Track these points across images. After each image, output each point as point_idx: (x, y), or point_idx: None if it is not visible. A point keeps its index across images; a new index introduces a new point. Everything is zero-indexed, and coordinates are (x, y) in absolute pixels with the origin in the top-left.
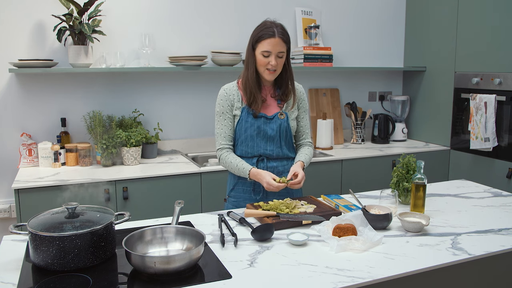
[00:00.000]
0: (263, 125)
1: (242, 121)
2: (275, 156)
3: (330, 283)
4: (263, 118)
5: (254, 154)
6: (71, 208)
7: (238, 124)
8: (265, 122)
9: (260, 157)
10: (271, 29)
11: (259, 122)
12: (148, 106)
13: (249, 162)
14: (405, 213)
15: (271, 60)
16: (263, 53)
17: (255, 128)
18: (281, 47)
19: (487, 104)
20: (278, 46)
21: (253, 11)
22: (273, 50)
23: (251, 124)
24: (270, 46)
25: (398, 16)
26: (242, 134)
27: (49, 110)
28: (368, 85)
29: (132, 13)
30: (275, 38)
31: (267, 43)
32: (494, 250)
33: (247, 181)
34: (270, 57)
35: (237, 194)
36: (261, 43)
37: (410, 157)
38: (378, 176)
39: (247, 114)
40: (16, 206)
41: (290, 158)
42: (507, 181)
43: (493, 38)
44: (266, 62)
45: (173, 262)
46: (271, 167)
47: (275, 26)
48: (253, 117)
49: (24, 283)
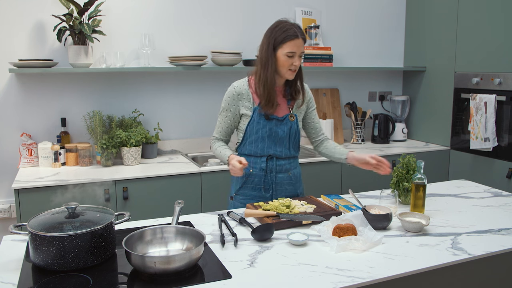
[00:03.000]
0: (274, 127)
1: (253, 122)
2: (284, 156)
3: (330, 283)
4: (274, 120)
5: (264, 154)
6: (71, 208)
7: (250, 125)
8: (277, 123)
9: (269, 157)
10: (292, 30)
11: (271, 124)
12: (148, 106)
13: (258, 160)
14: (405, 213)
15: (295, 61)
16: (287, 54)
17: (267, 129)
18: (303, 47)
19: (487, 104)
20: (301, 46)
21: (253, 11)
22: (297, 51)
23: (263, 126)
24: (296, 47)
25: (398, 16)
26: (253, 134)
27: (49, 110)
28: (368, 85)
29: (132, 13)
30: (298, 39)
31: (292, 44)
32: (494, 250)
33: (256, 179)
34: (294, 57)
35: (246, 192)
36: (285, 45)
37: (410, 157)
38: (378, 176)
39: (259, 115)
40: (16, 206)
41: (295, 157)
42: (507, 181)
43: (493, 38)
44: (290, 62)
45: (173, 262)
46: (279, 165)
47: (295, 27)
48: (265, 119)
49: (24, 283)
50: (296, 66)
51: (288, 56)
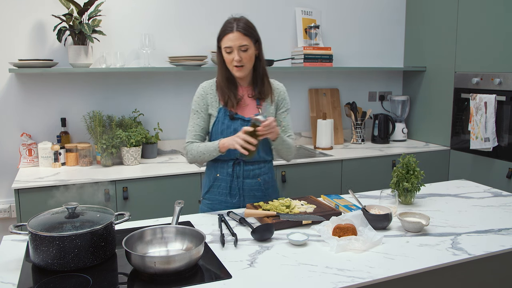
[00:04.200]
0: (240, 128)
1: (218, 122)
2: (252, 160)
3: (330, 283)
4: (240, 121)
5: (231, 157)
6: (71, 208)
7: (214, 126)
8: (242, 124)
9: (236, 160)
10: (230, 24)
11: (235, 124)
12: (148, 106)
13: (224, 165)
14: (405, 213)
15: (235, 56)
16: (225, 50)
17: (231, 130)
18: (242, 40)
19: (487, 104)
20: (238, 40)
21: (253, 11)
22: (233, 45)
23: (227, 126)
24: (230, 41)
25: (398, 16)
26: (219, 135)
27: (49, 110)
28: (368, 85)
29: (132, 13)
30: (233, 33)
31: (227, 39)
32: (494, 250)
33: (223, 184)
34: (233, 53)
35: (212, 197)
36: (222, 41)
37: (410, 157)
38: (378, 176)
39: (224, 116)
40: (16, 206)
41: (267, 161)
42: (507, 181)
43: (493, 38)
44: (231, 58)
45: (173, 262)
46: (247, 170)
47: (236, 21)
48: (229, 119)
49: (24, 283)
50: (238, 61)
51: (227, 52)
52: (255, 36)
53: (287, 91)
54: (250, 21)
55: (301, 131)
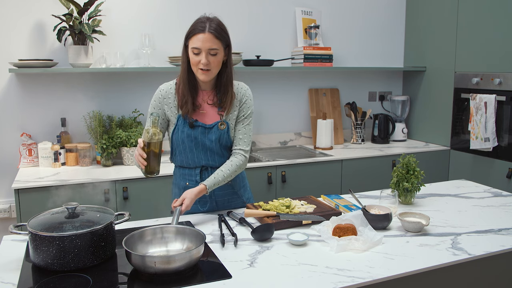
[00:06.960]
0: (200, 136)
1: (178, 130)
2: (219, 165)
3: (330, 283)
4: (200, 128)
5: (196, 165)
6: (71, 208)
7: (174, 134)
8: (203, 132)
9: (203, 167)
10: (202, 24)
11: (196, 132)
12: (148, 106)
13: (192, 172)
14: (405, 213)
15: (202, 58)
16: (193, 50)
17: (192, 138)
18: (213, 43)
19: (487, 104)
20: (208, 42)
21: (253, 11)
22: (202, 47)
23: (187, 135)
24: (200, 42)
25: (398, 16)
26: (180, 144)
27: (49, 110)
28: (368, 85)
29: (132, 13)
30: (204, 34)
31: (196, 39)
32: (494, 250)
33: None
34: (201, 55)
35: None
36: (191, 40)
37: (410, 157)
38: (378, 176)
39: (183, 123)
40: (16, 206)
41: None
42: (507, 181)
43: (493, 38)
44: (197, 60)
45: (173, 262)
46: None
47: (208, 21)
48: (189, 127)
49: (24, 283)
50: (205, 65)
51: (194, 53)
52: (227, 40)
53: (286, 91)
54: (223, 23)
55: (301, 131)
